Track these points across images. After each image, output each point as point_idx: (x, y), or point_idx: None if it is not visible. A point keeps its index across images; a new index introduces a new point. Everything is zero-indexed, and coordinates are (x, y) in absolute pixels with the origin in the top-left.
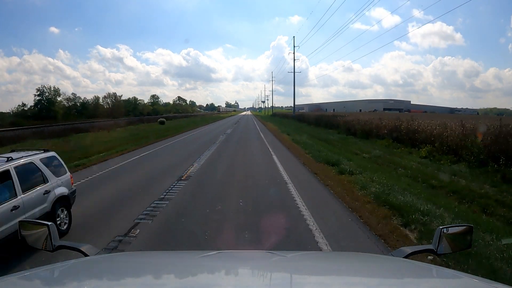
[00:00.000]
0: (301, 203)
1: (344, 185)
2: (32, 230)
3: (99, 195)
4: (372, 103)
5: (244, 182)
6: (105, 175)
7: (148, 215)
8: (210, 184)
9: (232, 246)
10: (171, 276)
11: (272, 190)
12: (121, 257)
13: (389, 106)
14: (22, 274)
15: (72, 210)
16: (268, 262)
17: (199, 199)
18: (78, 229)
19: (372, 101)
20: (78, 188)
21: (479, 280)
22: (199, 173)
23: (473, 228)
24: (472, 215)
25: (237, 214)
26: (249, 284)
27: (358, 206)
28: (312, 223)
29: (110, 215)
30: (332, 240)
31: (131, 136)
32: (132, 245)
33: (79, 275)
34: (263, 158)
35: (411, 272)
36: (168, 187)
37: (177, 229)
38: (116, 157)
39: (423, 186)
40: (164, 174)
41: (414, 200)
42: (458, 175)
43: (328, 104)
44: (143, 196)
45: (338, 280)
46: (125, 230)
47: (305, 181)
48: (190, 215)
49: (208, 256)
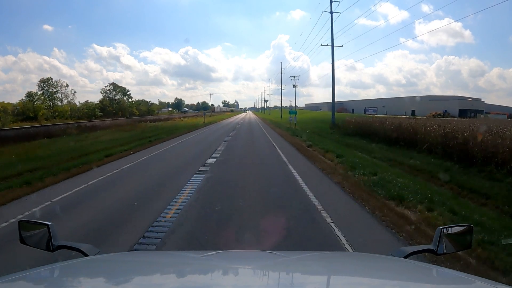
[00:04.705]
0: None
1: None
2: (31, 230)
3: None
4: (434, 101)
5: None
6: None
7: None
8: None
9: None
10: (171, 276)
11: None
12: (121, 257)
13: (466, 106)
14: (22, 274)
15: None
16: (269, 262)
17: None
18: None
19: (435, 99)
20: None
21: (480, 280)
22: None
23: (473, 228)
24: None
25: None
26: (249, 284)
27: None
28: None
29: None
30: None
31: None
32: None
33: (79, 275)
34: None
35: (412, 272)
36: None
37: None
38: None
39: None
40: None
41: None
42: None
43: (357, 103)
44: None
45: (339, 280)
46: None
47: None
48: None
49: (208, 256)
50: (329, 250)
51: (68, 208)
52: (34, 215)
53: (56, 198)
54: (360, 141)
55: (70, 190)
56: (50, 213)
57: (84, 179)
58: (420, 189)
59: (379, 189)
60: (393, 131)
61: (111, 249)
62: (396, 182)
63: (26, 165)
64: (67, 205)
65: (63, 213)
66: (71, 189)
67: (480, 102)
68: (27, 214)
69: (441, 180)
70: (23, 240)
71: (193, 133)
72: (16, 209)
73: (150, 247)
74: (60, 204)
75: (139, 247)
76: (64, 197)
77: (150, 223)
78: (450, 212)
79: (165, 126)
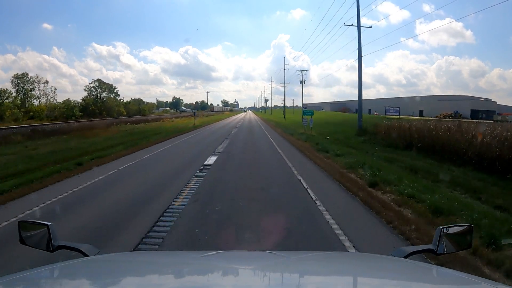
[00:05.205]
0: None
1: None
2: (31, 230)
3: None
4: (443, 101)
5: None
6: None
7: None
8: None
9: None
10: (171, 276)
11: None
12: (121, 257)
13: (478, 106)
14: (22, 274)
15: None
16: (269, 262)
17: None
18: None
19: (444, 99)
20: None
21: (480, 280)
22: None
23: (473, 228)
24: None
25: None
26: (249, 284)
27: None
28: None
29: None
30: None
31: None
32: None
33: (79, 275)
34: None
35: (412, 272)
36: None
37: None
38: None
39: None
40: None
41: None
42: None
43: (363, 103)
44: None
45: (339, 280)
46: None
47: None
48: None
49: (208, 256)
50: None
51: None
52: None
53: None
54: (423, 162)
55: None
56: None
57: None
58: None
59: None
60: (493, 148)
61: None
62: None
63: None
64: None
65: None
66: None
67: (491, 102)
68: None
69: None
70: (23, 240)
71: (167, 143)
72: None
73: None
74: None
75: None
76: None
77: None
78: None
79: (142, 130)
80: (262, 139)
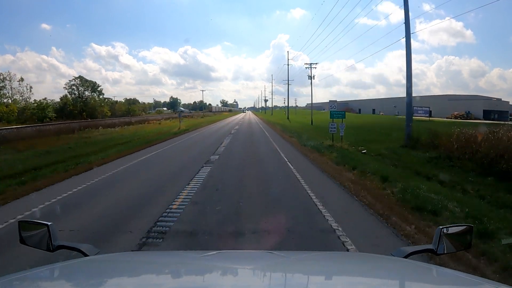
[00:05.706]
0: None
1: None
2: (31, 230)
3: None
4: (453, 101)
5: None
6: None
7: None
8: None
9: None
10: (171, 276)
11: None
12: (121, 257)
13: (490, 106)
14: (22, 274)
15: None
16: (269, 262)
17: None
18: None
19: (454, 98)
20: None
21: (480, 280)
22: None
23: (473, 228)
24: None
25: None
26: (249, 284)
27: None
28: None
29: None
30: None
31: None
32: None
33: (79, 275)
34: None
35: (412, 272)
36: None
37: None
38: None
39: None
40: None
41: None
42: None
43: (363, 103)
44: None
45: (339, 280)
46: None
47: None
48: None
49: (208, 256)
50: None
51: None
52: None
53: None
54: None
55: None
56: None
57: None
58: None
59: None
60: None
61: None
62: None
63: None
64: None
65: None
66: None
67: (503, 102)
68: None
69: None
70: (23, 240)
71: (108, 168)
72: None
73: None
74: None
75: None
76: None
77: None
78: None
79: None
80: (272, 164)
